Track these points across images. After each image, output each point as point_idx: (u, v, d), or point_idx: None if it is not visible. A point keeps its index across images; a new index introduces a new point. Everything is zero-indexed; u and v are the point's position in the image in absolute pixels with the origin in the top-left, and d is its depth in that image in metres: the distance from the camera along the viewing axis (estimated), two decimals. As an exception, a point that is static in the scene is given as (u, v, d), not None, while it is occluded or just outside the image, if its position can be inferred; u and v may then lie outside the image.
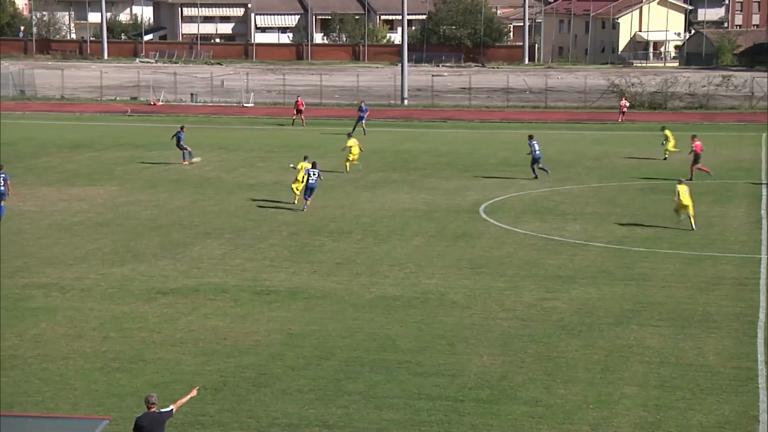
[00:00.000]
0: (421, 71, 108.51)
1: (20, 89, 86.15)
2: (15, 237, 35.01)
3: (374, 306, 27.57)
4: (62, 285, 29.15)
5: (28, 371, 22.50)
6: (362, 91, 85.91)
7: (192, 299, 27.96)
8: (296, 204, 40.19)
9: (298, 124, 67.13)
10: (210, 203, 41.37)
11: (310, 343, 24.59)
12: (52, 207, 40.23)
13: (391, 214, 39.37)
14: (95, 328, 25.49)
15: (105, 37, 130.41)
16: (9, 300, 27.69)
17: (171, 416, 17.18)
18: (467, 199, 42.62)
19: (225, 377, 22.32)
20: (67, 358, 23.35)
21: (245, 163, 51.77)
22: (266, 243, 34.58)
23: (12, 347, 23.96)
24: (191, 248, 33.71)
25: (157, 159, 52.58)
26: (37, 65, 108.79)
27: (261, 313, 26.83)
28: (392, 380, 22.26)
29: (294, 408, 20.79)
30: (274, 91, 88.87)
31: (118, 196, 42.63)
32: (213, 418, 20.29)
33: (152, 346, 24.17)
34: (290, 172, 44.86)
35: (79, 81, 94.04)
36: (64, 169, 49.46)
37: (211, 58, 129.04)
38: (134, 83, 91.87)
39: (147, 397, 17.21)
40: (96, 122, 69.16)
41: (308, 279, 30.14)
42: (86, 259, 32.17)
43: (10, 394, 21.21)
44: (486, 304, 27.84)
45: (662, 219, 37.81)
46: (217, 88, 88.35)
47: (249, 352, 23.87)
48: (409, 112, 76.71)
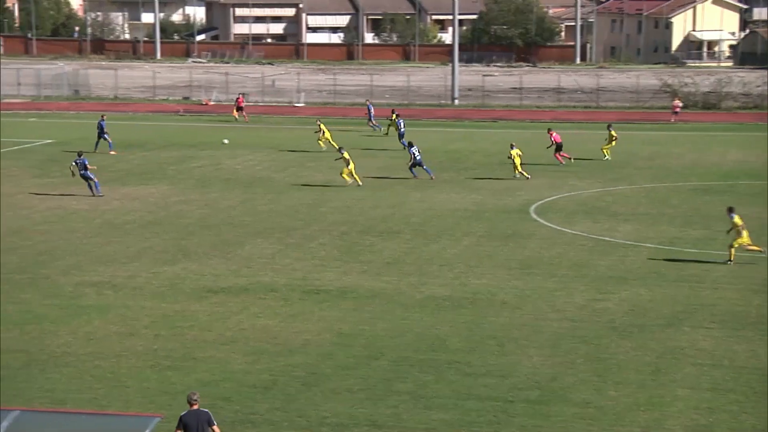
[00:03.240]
0: (471, 71, 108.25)
1: (74, 89, 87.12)
2: (68, 235, 35.40)
3: (424, 306, 27.54)
4: (115, 283, 29.42)
5: (81, 368, 22.73)
6: (413, 91, 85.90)
7: (242, 298, 28.09)
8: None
9: (242, 120, 68.67)
10: (260, 203, 41.56)
11: (359, 342, 24.61)
12: (105, 206, 40.62)
13: (440, 214, 39.31)
14: (147, 326, 25.70)
15: (158, 37, 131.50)
16: (62, 298, 28.00)
17: (212, 425, 17.09)
18: (517, 199, 42.44)
19: (275, 376, 22.39)
20: (120, 355, 23.55)
21: (295, 162, 51.93)
22: (316, 242, 34.67)
23: (65, 344, 24.22)
24: (242, 247, 33.88)
25: (209, 158, 52.93)
26: (91, 65, 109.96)
27: (311, 313, 26.90)
28: (442, 380, 22.22)
29: (343, 407, 20.81)
30: (324, 91, 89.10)
31: (170, 196, 42.95)
32: (263, 416, 20.37)
33: (203, 345, 24.32)
34: (337, 171, 44.95)
35: (132, 81, 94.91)
36: (117, 168, 49.91)
37: (263, 58, 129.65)
38: (186, 83, 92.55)
39: (189, 395, 17.31)
40: (148, 122, 69.77)
41: (358, 279, 30.17)
42: (138, 257, 32.45)
43: (63, 391, 21.44)
44: (536, 304, 27.70)
45: (715, 220, 37.40)
46: (268, 88, 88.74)
47: (299, 352, 23.93)
48: (460, 112, 76.57)
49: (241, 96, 72.74)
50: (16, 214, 38.85)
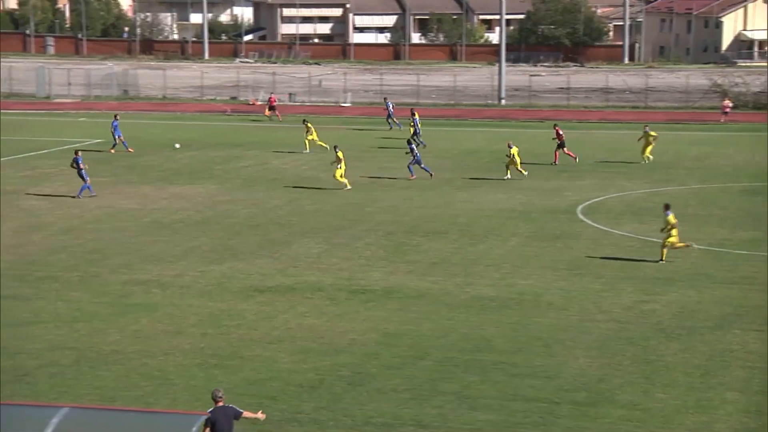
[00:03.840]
0: (518, 71, 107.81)
1: (123, 89, 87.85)
2: (117, 234, 35.72)
3: (469, 306, 27.49)
4: (162, 282, 29.64)
5: (129, 366, 22.93)
6: (459, 91, 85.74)
7: (289, 297, 28.20)
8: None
9: (275, 120, 69.08)
10: (307, 202, 41.68)
11: (405, 342, 24.62)
12: (153, 205, 40.95)
13: (487, 215, 39.22)
14: (194, 324, 25.87)
15: (206, 37, 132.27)
16: (111, 296, 28.26)
17: (239, 417, 17.18)
18: (564, 199, 42.23)
19: (321, 375, 22.45)
20: (167, 353, 23.73)
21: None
22: (362, 242, 34.71)
23: (114, 342, 24.45)
24: (288, 247, 34.00)
25: (256, 158, 53.17)
26: (140, 65, 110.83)
27: (357, 312, 26.94)
28: (487, 381, 22.16)
29: (389, 407, 20.83)
30: (371, 90, 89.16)
31: (217, 195, 43.21)
32: (309, 415, 20.43)
33: (249, 344, 24.44)
34: (386, 171, 44.97)
35: (181, 81, 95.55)
36: (165, 167, 50.29)
37: (310, 58, 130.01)
38: (234, 83, 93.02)
39: (214, 392, 17.43)
40: (196, 121, 70.22)
41: (404, 279, 30.18)
42: (186, 256, 32.67)
43: (112, 389, 21.64)
44: (583, 305, 27.55)
45: (765, 222, 36.97)
46: (315, 88, 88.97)
47: (345, 351, 23.98)
48: (506, 112, 76.31)
49: (273, 95, 73.62)
50: (67, 213, 39.27)
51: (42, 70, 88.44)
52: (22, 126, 66.43)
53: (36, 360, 23.18)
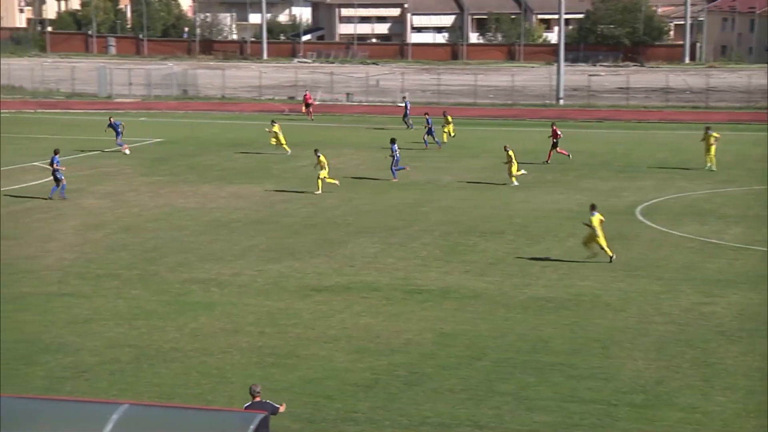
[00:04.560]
0: (577, 71, 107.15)
1: (183, 89, 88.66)
2: (176, 233, 36.03)
3: (526, 307, 27.36)
4: (220, 280, 29.85)
5: (187, 364, 23.12)
6: (517, 91, 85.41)
7: (345, 297, 28.26)
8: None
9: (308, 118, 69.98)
10: (363, 202, 41.75)
11: (461, 342, 24.57)
12: (211, 204, 41.26)
13: (544, 215, 39.01)
14: (251, 323, 26.02)
15: (265, 37, 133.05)
16: (170, 294, 28.52)
17: (276, 413, 17.29)
18: (623, 200, 41.88)
19: (377, 375, 22.48)
20: (225, 352, 23.89)
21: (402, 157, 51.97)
22: (418, 242, 34.70)
23: (173, 340, 24.66)
24: (345, 246, 34.08)
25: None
26: (199, 65, 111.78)
27: (412, 312, 26.93)
28: (544, 382, 22.05)
29: (445, 407, 20.80)
30: (428, 90, 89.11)
31: (274, 194, 43.43)
32: (365, 415, 20.46)
33: (306, 343, 24.53)
34: (442, 171, 44.90)
35: (239, 81, 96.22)
36: (224, 167, 50.64)
37: (367, 58, 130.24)
38: (292, 83, 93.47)
39: (252, 387, 17.55)
40: (254, 121, 70.62)
41: (460, 279, 30.12)
42: (243, 255, 32.88)
43: (170, 386, 21.83)
44: (641, 307, 27.30)
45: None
46: (373, 88, 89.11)
47: (401, 351, 23.99)
48: (565, 112, 75.86)
49: (308, 93, 74.64)
50: (127, 211, 39.70)
51: (103, 70, 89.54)
52: (84, 125, 67.30)
53: (96, 357, 23.46)
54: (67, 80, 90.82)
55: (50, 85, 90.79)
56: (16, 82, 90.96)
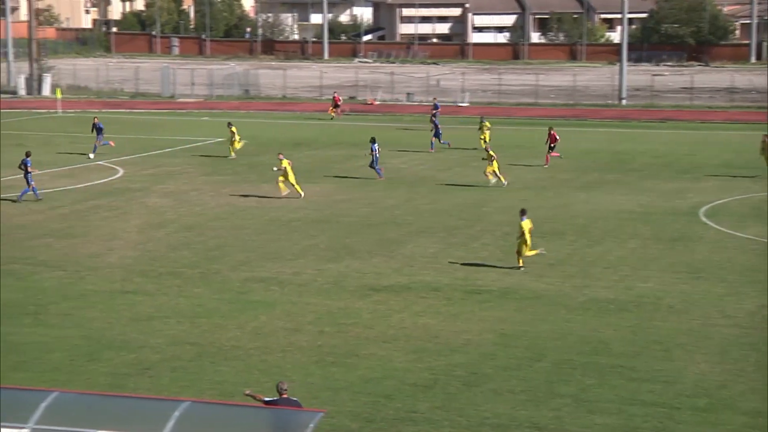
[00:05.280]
0: (640, 71, 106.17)
1: (245, 89, 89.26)
2: (238, 232, 36.29)
3: (587, 309, 27.18)
4: (281, 279, 30.01)
5: (248, 362, 23.28)
6: (579, 91, 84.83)
7: (404, 297, 28.27)
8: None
9: (337, 117, 70.12)
10: (423, 202, 41.73)
11: (521, 343, 24.47)
12: (272, 204, 41.49)
13: (605, 216, 38.72)
14: (311, 322, 26.13)
15: (326, 37, 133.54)
16: (231, 293, 28.74)
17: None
18: (686, 201, 41.43)
19: (436, 375, 22.46)
20: (285, 350, 24.02)
21: (459, 162, 51.95)
22: (479, 242, 34.61)
23: (234, 338, 24.85)
24: (404, 246, 34.09)
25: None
26: (261, 65, 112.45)
27: (472, 313, 26.87)
28: (605, 384, 21.88)
29: (504, 408, 20.72)
30: (489, 90, 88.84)
31: (335, 194, 43.56)
32: (423, 415, 20.46)
33: (365, 342, 24.58)
34: (504, 171, 44.75)
35: (300, 81, 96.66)
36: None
37: (428, 58, 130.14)
38: (352, 83, 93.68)
39: (279, 384, 17.69)
40: (315, 121, 70.92)
41: (520, 279, 29.99)
42: (304, 254, 33.03)
43: (231, 384, 21.99)
44: (704, 309, 26.98)
45: None
46: (433, 88, 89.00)
47: (460, 351, 23.95)
48: (627, 113, 75.21)
49: (337, 93, 75.08)
50: (189, 210, 40.07)
51: (167, 71, 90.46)
52: (147, 125, 68.06)
53: (158, 354, 23.71)
54: (131, 80, 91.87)
55: (115, 86, 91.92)
56: (81, 83, 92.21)
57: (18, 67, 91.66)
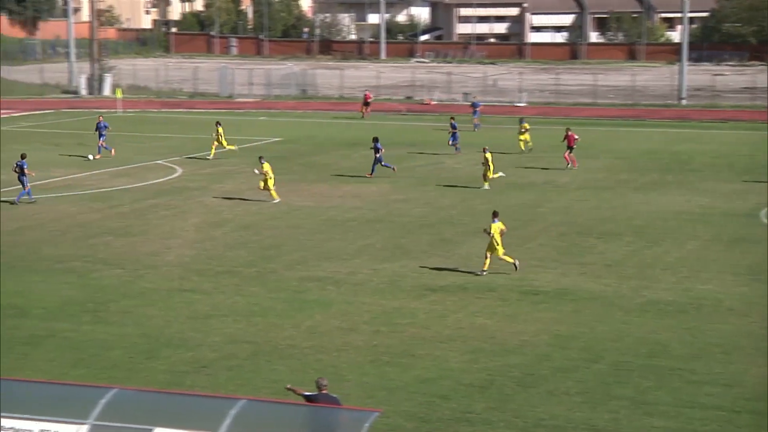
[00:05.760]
0: (700, 70, 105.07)
1: (302, 89, 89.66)
2: (293, 231, 36.43)
3: (645, 310, 26.92)
4: (336, 279, 30.08)
5: (304, 361, 23.35)
6: (638, 91, 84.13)
7: (460, 297, 28.21)
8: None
9: (367, 117, 70.50)
10: (479, 202, 41.60)
11: (577, 345, 24.30)
12: (328, 203, 41.61)
13: (664, 217, 38.33)
14: (367, 321, 26.16)
15: (383, 37, 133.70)
16: (287, 292, 28.86)
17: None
18: (747, 202, 40.89)
19: (492, 376, 22.38)
20: (340, 350, 24.06)
21: (515, 162, 51.72)
22: (534, 243, 34.43)
23: (289, 337, 24.95)
24: (460, 246, 34.01)
25: (429, 158, 53.39)
26: (318, 65, 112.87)
27: (528, 314, 26.74)
28: (663, 387, 21.66)
29: (560, 410, 20.59)
30: (547, 90, 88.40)
31: (390, 194, 43.58)
32: (479, 416, 20.39)
33: (421, 342, 24.55)
34: (561, 172, 44.46)
35: (357, 81, 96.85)
36: (340, 166, 51.00)
37: (485, 58, 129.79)
38: (409, 83, 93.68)
39: (318, 381, 17.70)
40: (371, 121, 70.98)
41: (576, 280, 29.79)
42: (359, 254, 33.07)
43: (287, 382, 22.02)
44: (765, 312, 26.59)
45: None
46: (490, 88, 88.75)
47: (516, 352, 23.84)
48: (687, 113, 74.42)
49: (368, 92, 75.39)
50: (246, 210, 40.30)
51: (225, 71, 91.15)
52: (205, 125, 68.55)
53: (215, 352, 23.87)
54: (189, 80, 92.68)
55: (174, 85, 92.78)
56: (141, 83, 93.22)
57: (79, 68, 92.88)
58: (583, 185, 45.11)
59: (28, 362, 23.07)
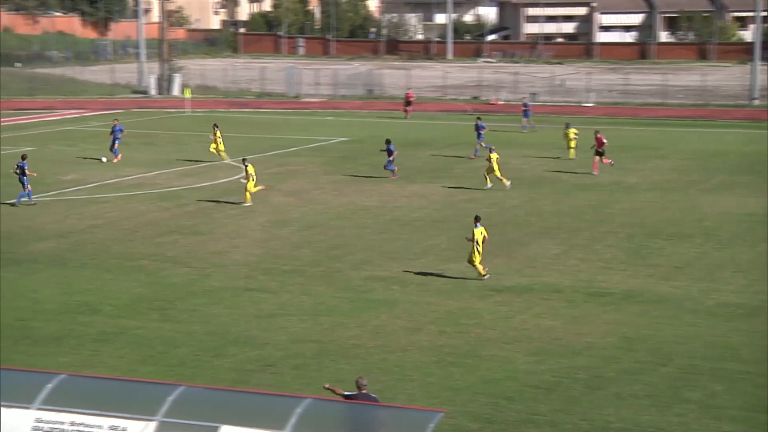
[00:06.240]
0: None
1: (368, 89, 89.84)
2: (359, 231, 36.50)
3: (714, 313, 26.55)
4: (402, 279, 30.07)
5: (369, 361, 23.38)
6: (708, 91, 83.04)
7: (526, 298, 28.05)
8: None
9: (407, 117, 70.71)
10: (546, 203, 41.34)
11: (645, 347, 24.04)
12: (393, 203, 41.62)
13: (735, 219, 37.78)
14: (432, 322, 26.12)
15: (450, 37, 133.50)
16: (353, 291, 28.92)
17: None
18: (820, 204, 40.15)
19: (558, 378, 22.22)
20: (405, 350, 24.05)
21: (582, 163, 51.30)
22: (602, 244, 34.13)
23: (355, 336, 24.99)
24: (526, 247, 33.83)
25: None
26: (384, 66, 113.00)
27: (595, 315, 26.52)
28: (733, 391, 21.34)
29: (628, 413, 20.38)
30: (615, 90, 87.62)
31: (456, 194, 43.48)
32: (545, 418, 20.26)
33: (486, 343, 24.46)
34: (629, 172, 43.95)
35: (424, 81, 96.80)
36: (406, 166, 50.96)
37: (553, 58, 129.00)
38: (476, 83, 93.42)
39: (359, 380, 17.64)
40: (437, 121, 70.92)
41: (644, 282, 29.47)
42: (424, 254, 33.03)
43: (352, 382, 21.99)
44: (838, 317, 26.09)
45: None
46: (557, 88, 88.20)
47: (582, 354, 23.65)
48: (758, 113, 73.25)
49: (410, 91, 75.68)
50: (312, 209, 40.47)
51: (292, 71, 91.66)
52: (272, 124, 69.03)
53: (281, 351, 23.99)
54: (257, 80, 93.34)
55: (241, 85, 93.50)
56: (209, 83, 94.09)
57: (149, 68, 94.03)
58: (652, 186, 44.62)
59: (99, 358, 23.40)
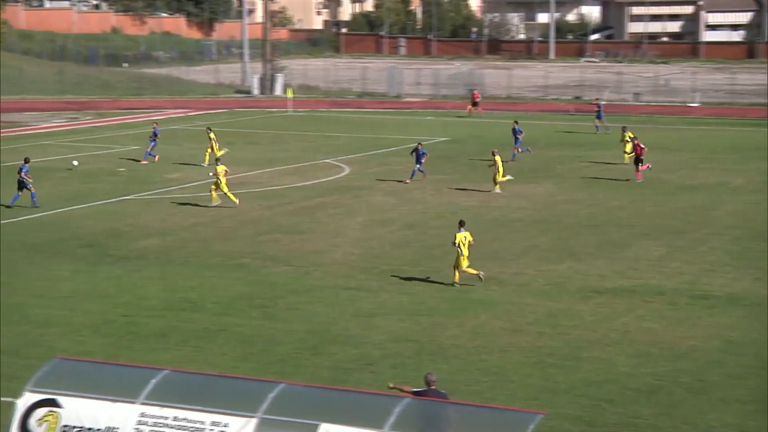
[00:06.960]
0: None
1: (469, 88, 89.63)
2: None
3: (823, 318, 25.87)
4: (501, 279, 29.95)
5: (467, 361, 23.34)
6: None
7: (628, 300, 27.70)
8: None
9: (476, 115, 70.57)
10: (648, 203, 40.77)
11: (751, 351, 23.55)
12: (493, 203, 41.47)
13: None
14: (531, 323, 25.96)
15: (552, 37, 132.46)
16: (451, 291, 28.88)
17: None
18: None
19: (660, 381, 21.90)
20: (504, 351, 23.95)
21: (686, 164, 50.51)
22: (706, 246, 33.53)
23: (453, 337, 24.97)
24: (628, 248, 33.41)
25: (598, 159, 52.61)
26: (486, 65, 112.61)
27: (699, 318, 26.06)
28: (841, 399, 20.78)
29: (733, 418, 19.99)
30: (721, 90, 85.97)
31: (557, 194, 43.13)
32: (647, 421, 19.98)
33: (587, 345, 24.22)
34: (732, 173, 43.16)
35: (525, 80, 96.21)
36: (507, 166, 50.65)
37: (657, 57, 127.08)
38: (578, 83, 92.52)
39: (427, 376, 17.55)
40: (539, 121, 70.43)
41: (751, 286, 28.86)
42: (524, 255, 32.84)
43: (450, 382, 22.03)
44: None
45: None
46: (662, 88, 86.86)
47: (685, 357, 23.27)
48: None
49: (476, 91, 75.63)
50: (412, 209, 40.53)
51: (393, 70, 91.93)
52: (373, 124, 69.33)
53: (380, 350, 24.08)
54: (358, 80, 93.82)
55: (343, 85, 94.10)
56: (311, 82, 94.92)
57: (252, 68, 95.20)
58: (758, 188, 43.66)
59: (201, 355, 23.76)
